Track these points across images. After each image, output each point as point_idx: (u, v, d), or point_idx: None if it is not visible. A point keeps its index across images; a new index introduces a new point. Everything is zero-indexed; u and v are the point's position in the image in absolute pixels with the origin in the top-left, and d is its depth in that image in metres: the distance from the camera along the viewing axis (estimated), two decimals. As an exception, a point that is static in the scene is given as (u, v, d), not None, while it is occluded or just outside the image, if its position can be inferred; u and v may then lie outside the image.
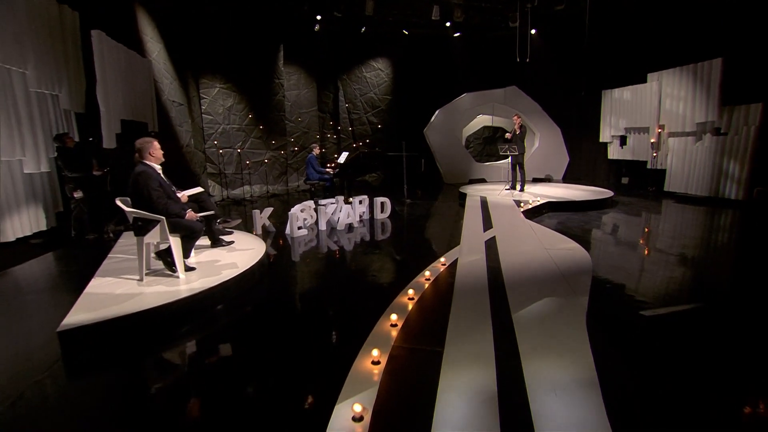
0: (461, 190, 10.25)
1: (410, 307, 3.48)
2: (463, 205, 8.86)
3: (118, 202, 4.04)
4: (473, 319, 3.27)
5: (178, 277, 4.17)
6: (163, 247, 4.22)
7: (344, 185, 10.10)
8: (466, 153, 13.40)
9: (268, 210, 7.16)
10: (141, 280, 4.09)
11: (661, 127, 10.44)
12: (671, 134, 10.20)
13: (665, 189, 10.30)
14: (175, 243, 4.15)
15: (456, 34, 14.47)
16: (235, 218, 5.27)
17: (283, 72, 12.50)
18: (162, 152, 4.30)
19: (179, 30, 9.39)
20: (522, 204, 8.07)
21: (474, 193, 9.85)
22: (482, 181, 12.34)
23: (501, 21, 13.71)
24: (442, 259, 4.62)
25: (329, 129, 14.77)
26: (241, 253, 5.05)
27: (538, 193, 9.47)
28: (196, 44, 10.55)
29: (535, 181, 12.25)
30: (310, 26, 12.81)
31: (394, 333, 3.06)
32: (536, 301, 3.56)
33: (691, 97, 9.51)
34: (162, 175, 4.25)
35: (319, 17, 12.21)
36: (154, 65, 7.94)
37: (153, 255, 4.45)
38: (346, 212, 7.34)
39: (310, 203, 7.62)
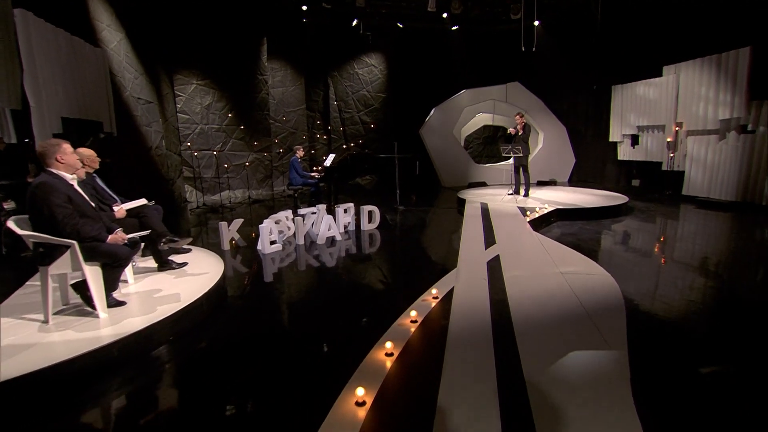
0: (460, 196, 9.35)
1: (388, 367, 2.58)
2: (461, 212, 7.97)
3: (10, 224, 3.13)
4: (472, 389, 2.36)
5: (98, 316, 3.28)
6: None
7: (330, 191, 9.19)
8: (465, 154, 12.51)
9: (238, 222, 6.25)
10: (46, 322, 3.20)
11: (679, 124, 9.53)
12: (690, 132, 9.29)
13: (683, 192, 9.39)
14: (92, 274, 3.25)
15: (454, 28, 13.63)
16: (184, 237, 4.38)
17: (267, 67, 11.60)
18: (77, 158, 3.38)
19: (147, 20, 8.49)
20: (528, 213, 7.16)
21: (474, 198, 8.94)
22: (483, 184, 11.45)
23: (502, 13, 12.85)
24: (434, 291, 3.71)
25: (319, 129, 13.88)
26: (192, 279, 4.16)
27: (544, 199, 8.57)
28: (168, 36, 9.65)
29: (540, 184, 11.34)
30: (296, 18, 11.92)
31: (362, 414, 2.16)
32: (558, 361, 2.65)
33: (713, 92, 8.60)
34: (77, 187, 3.34)
35: (305, 8, 11.30)
36: (112, 57, 7.05)
37: (70, 286, 3.54)
38: (327, 224, 6.43)
39: (288, 213, 6.72)
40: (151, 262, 4.58)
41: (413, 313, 3.25)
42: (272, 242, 6.03)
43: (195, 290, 3.79)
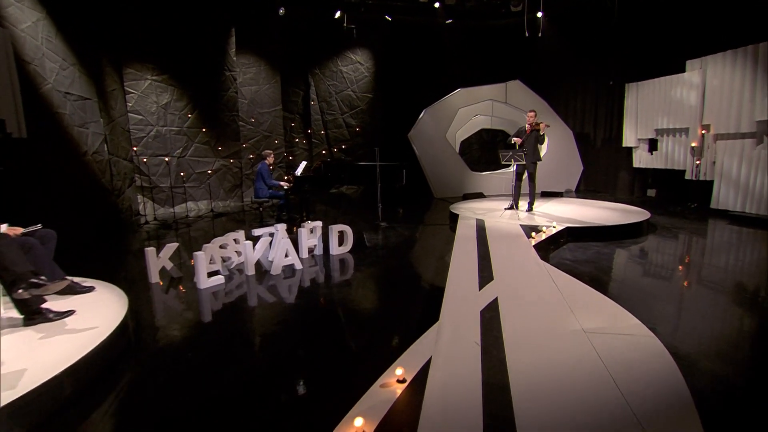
0: (452, 210, 8.17)
1: None
2: (454, 229, 6.81)
3: None
4: None
5: None
6: None
7: (301, 205, 8.03)
8: (460, 161, 11.35)
9: (170, 248, 5.05)
10: None
11: (706, 127, 8.40)
12: (720, 137, 8.16)
13: (711, 206, 8.24)
14: None
15: (448, 21, 12.56)
16: (58, 280, 3.20)
17: (236, 62, 10.44)
18: None
19: None
20: (534, 234, 5.97)
21: (468, 213, 7.77)
22: (480, 195, 10.29)
23: (501, 5, 11.79)
24: (399, 371, 2.51)
25: (298, 133, 12.73)
26: (69, 339, 2.96)
27: (551, 215, 7.40)
28: (116, 22, 8.48)
29: (545, 196, 10.17)
30: (271, 8, 10.79)
31: None
32: None
33: (748, 89, 7.48)
34: None
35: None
36: (23, 40, 5.87)
37: None
38: (284, 249, 5.24)
39: (240, 234, 5.53)
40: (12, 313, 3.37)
41: (359, 422, 2.04)
42: (213, 273, 4.87)
43: (59, 360, 2.61)
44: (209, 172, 10.03)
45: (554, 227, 6.36)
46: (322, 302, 4.21)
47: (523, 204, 7.95)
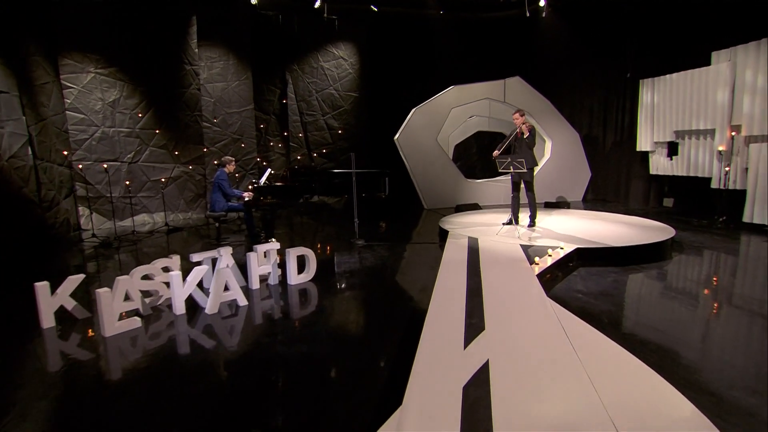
0: (442, 225, 7.14)
1: None
2: (443, 248, 5.81)
3: None
4: None
5: None
6: None
7: (263, 220, 7.03)
8: (453, 168, 10.37)
9: (73, 281, 4.01)
10: None
11: (736, 128, 7.44)
12: (753, 139, 7.19)
13: (744, 219, 7.25)
14: None
15: (441, 12, 11.67)
16: None
17: (199, 55, 9.45)
18: None
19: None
20: (537, 260, 4.94)
21: (460, 229, 6.76)
22: (475, 207, 9.27)
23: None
24: None
25: (274, 136, 11.73)
26: None
27: (557, 232, 6.39)
28: (46, 2, 7.47)
29: (548, 207, 9.18)
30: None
31: None
32: None
33: (789, 83, 6.52)
34: None
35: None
36: None
37: None
38: (223, 281, 4.20)
39: (175, 260, 4.50)
40: None
41: None
42: (124, 315, 3.86)
43: None
44: (163, 180, 8.99)
45: (561, 248, 5.35)
46: (258, 357, 3.18)
47: (523, 217, 6.96)
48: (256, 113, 11.19)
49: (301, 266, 5.06)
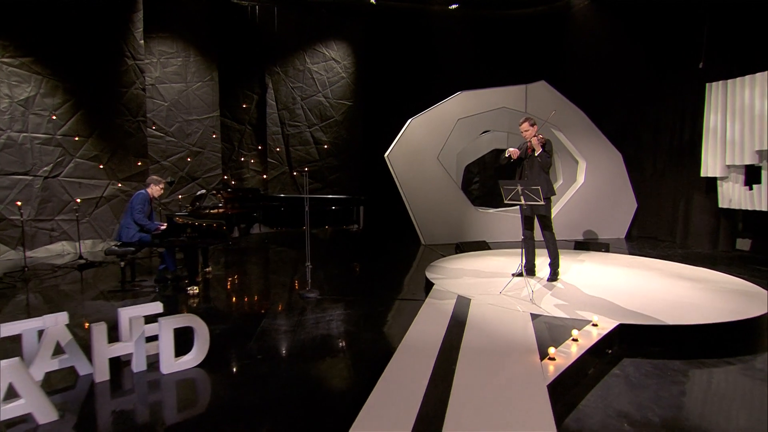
0: (428, 274, 5.29)
1: None
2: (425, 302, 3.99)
3: None
4: None
5: None
6: None
7: (187, 259, 5.37)
8: (458, 193, 8.54)
9: None
10: None
11: None
12: None
13: None
14: None
15: (452, 6, 10.24)
16: None
17: (146, 48, 8.04)
18: None
19: None
20: (552, 351, 3.02)
21: (451, 281, 4.91)
22: (482, 246, 7.38)
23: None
24: None
25: (250, 150, 10.21)
26: None
27: (587, 293, 4.49)
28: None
29: (578, 248, 7.20)
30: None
31: None
32: None
33: None
34: None
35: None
36: None
37: None
38: (8, 378, 2.48)
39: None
40: None
41: None
42: None
43: None
44: (77, 201, 7.47)
45: (595, 324, 3.46)
46: None
47: (542, 263, 5.09)
48: (227, 122, 9.73)
49: (187, 344, 3.32)
